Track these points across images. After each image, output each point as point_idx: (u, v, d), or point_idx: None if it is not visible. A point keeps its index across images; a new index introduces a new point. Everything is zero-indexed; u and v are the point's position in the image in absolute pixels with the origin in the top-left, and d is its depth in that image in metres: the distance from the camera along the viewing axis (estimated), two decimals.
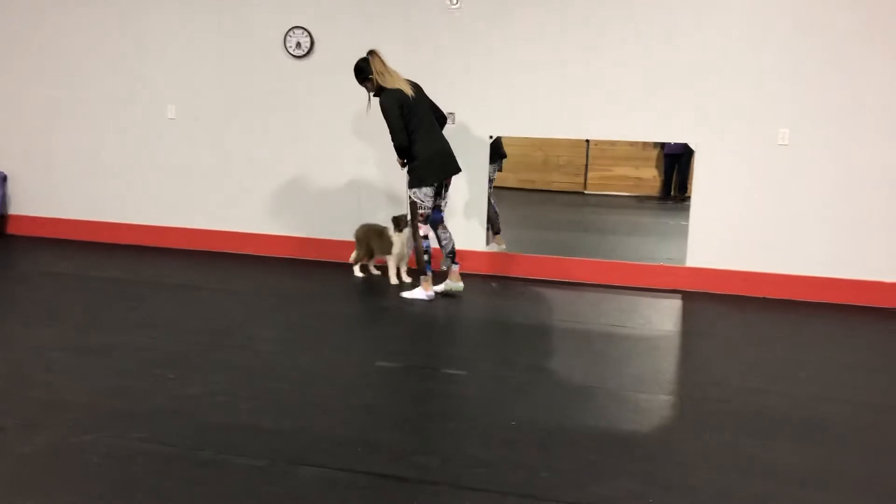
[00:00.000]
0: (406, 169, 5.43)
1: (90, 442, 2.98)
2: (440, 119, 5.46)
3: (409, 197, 5.38)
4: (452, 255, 5.50)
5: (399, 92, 5.16)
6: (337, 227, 6.54)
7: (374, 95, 5.32)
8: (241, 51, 6.62)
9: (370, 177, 6.49)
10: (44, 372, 3.74)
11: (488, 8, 6.08)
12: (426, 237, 5.38)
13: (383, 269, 6.08)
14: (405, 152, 5.26)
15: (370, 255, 6.05)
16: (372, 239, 5.92)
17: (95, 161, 7.07)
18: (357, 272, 6.06)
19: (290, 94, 6.57)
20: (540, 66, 6.04)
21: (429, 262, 5.39)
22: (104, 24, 6.89)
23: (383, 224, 5.96)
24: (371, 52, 5.25)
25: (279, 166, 6.67)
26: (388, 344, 4.42)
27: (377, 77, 5.21)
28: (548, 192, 10.66)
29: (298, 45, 6.46)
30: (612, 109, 5.94)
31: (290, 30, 6.46)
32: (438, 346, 4.52)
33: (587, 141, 10.51)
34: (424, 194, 5.29)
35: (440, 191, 5.42)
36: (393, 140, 5.20)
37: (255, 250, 6.79)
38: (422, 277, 5.41)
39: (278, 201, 6.71)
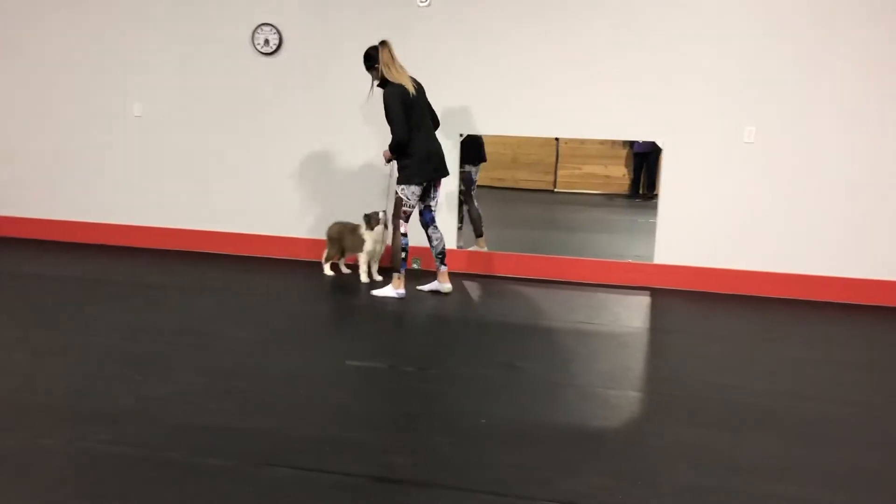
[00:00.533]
0: (395, 165, 5.45)
1: (53, 445, 2.92)
2: (434, 122, 5.47)
3: (396, 193, 5.38)
4: (442, 256, 5.51)
5: (402, 88, 5.17)
6: (307, 226, 6.50)
7: (378, 86, 5.32)
8: (209, 47, 6.54)
9: (341, 174, 6.45)
10: (5, 374, 3.66)
11: (458, 6, 6.08)
12: (405, 235, 5.38)
13: (353, 267, 6.05)
14: (401, 148, 5.25)
15: (341, 254, 6.03)
16: (345, 237, 5.89)
17: (60, 159, 6.94)
18: (327, 271, 6.03)
19: (258, 92, 6.50)
20: (509, 65, 6.05)
21: (404, 259, 5.39)
22: (67, 20, 6.76)
23: (355, 222, 5.94)
24: (382, 43, 5.24)
25: (248, 164, 6.61)
26: (359, 343, 4.40)
27: (383, 68, 5.21)
28: (517, 190, 10.70)
29: (266, 42, 6.40)
30: (582, 108, 5.98)
31: (258, 27, 6.40)
32: (409, 344, 4.51)
33: (556, 139, 10.59)
34: (412, 192, 5.29)
35: (428, 191, 5.43)
36: (393, 134, 5.17)
37: (223, 249, 6.72)
38: (394, 275, 5.40)
39: (246, 199, 6.64)
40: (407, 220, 5.38)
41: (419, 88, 5.31)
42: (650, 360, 4.30)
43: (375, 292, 5.43)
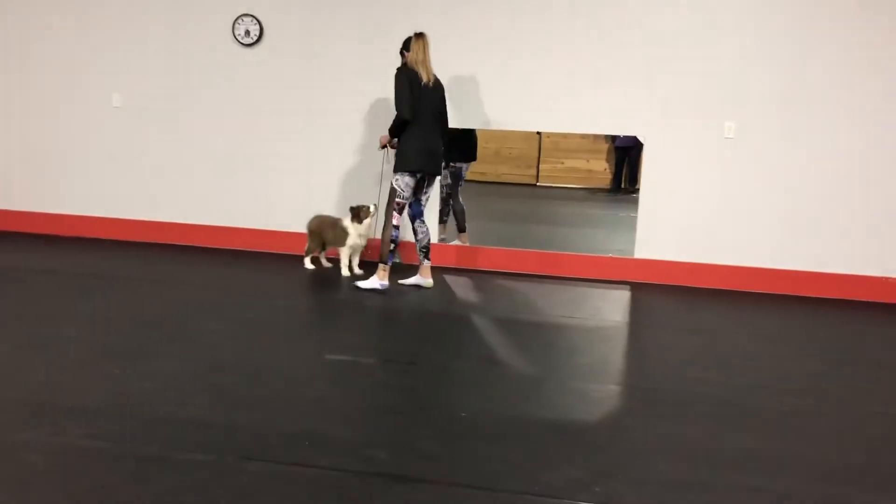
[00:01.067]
0: (389, 152, 5.59)
1: (30, 439, 2.89)
2: (442, 125, 5.45)
3: (392, 183, 5.40)
4: (426, 250, 5.50)
5: (412, 71, 5.19)
6: (288, 219, 6.46)
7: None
8: (189, 37, 6.48)
9: (324, 167, 6.41)
10: None
11: (441, 0, 6.07)
12: (397, 227, 5.37)
13: (335, 261, 6.03)
14: (401, 128, 5.23)
15: (322, 247, 6.00)
16: (325, 230, 5.87)
17: (41, 152, 6.85)
18: (308, 264, 6.00)
19: (239, 83, 6.45)
20: (492, 59, 6.05)
21: (392, 251, 5.39)
22: (45, 8, 6.66)
23: (336, 215, 5.92)
24: (419, 34, 5.26)
25: (229, 156, 6.56)
26: (339, 337, 4.39)
27: (409, 55, 5.24)
28: (499, 184, 10.72)
29: (247, 32, 6.35)
30: (564, 102, 5.99)
31: (238, 17, 6.35)
32: (390, 338, 4.51)
33: (539, 133, 10.61)
34: (406, 184, 5.29)
35: (421, 186, 5.43)
36: (397, 109, 5.18)
37: (204, 242, 6.67)
38: (380, 266, 5.40)
39: (228, 192, 6.60)
40: (400, 213, 5.37)
41: (436, 85, 5.32)
42: (630, 353, 4.32)
43: (359, 283, 5.41)
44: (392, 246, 5.38)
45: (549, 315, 5.02)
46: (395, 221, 5.37)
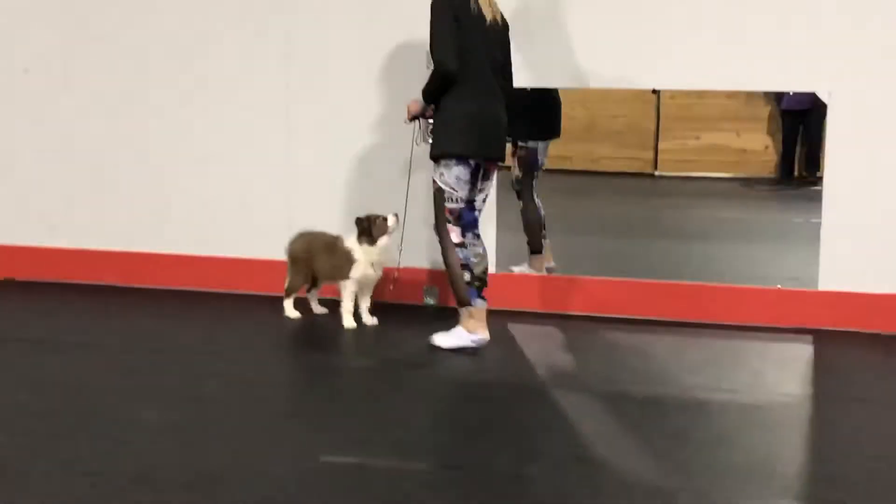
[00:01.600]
0: (419, 127, 5.56)
1: None
2: (506, 80, 5.48)
3: (434, 181, 5.36)
4: (481, 282, 5.39)
5: (463, 0, 5.18)
6: (255, 242, 6.52)
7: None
8: None
9: (312, 157, 6.47)
10: None
11: None
12: (462, 245, 5.32)
13: (333, 303, 6.04)
14: (441, 88, 5.24)
15: (313, 284, 6.04)
16: (317, 257, 5.90)
17: None
18: (289, 311, 6.04)
19: (173, 36, 6.54)
20: None
21: (470, 283, 5.30)
22: None
23: (333, 233, 5.95)
24: None
25: (156, 148, 6.65)
26: (341, 427, 4.40)
27: None
28: (596, 174, 10.70)
29: None
30: (695, 45, 5.96)
31: None
32: (419, 428, 4.50)
33: (656, 93, 10.57)
34: (456, 178, 5.29)
35: (476, 178, 5.40)
36: (434, 58, 5.21)
37: (128, 280, 6.75)
38: (463, 312, 5.34)
39: (158, 203, 6.67)
40: (458, 223, 5.34)
41: (502, 24, 5.39)
42: (812, 447, 4.29)
43: (438, 340, 5.38)
44: (467, 275, 5.30)
45: (679, 386, 4.99)
46: (454, 238, 5.33)
